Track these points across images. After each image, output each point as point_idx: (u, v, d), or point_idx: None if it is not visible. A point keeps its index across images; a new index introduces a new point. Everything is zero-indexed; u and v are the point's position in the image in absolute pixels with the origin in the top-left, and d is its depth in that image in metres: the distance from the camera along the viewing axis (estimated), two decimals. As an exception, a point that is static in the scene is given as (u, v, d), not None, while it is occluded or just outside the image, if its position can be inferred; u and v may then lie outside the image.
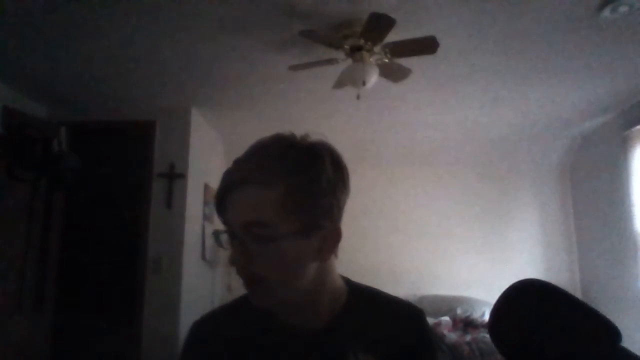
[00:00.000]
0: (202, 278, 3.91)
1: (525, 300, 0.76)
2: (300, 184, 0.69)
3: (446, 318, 4.10)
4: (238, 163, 0.73)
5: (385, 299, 0.85)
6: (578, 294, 4.46)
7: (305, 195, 0.69)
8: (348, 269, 0.87)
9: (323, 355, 0.75)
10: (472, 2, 2.27)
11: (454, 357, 3.53)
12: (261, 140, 0.74)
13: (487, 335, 3.24)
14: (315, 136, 0.76)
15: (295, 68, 2.75)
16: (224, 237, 0.73)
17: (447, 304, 4.34)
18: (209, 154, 4.16)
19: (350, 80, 2.69)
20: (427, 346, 0.82)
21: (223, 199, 0.72)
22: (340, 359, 0.74)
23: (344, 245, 0.78)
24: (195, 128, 3.77)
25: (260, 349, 0.77)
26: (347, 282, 0.84)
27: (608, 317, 0.69)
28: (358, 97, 2.82)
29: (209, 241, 4.05)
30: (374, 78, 2.62)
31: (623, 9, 2.28)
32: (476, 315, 4.10)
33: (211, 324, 0.83)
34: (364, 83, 2.61)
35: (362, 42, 2.49)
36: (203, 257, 3.93)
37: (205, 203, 4.02)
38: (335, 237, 0.74)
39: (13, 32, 2.53)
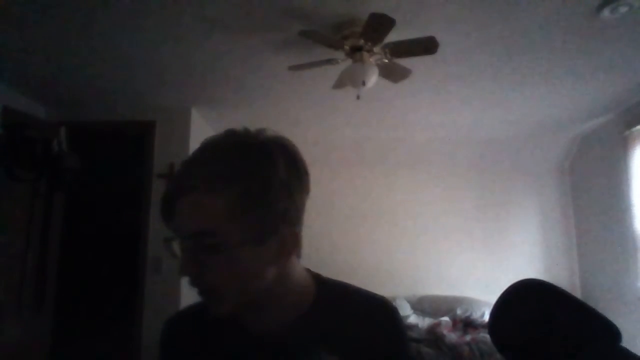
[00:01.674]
0: (202, 278, 3.90)
1: (525, 300, 0.76)
2: (250, 188, 0.65)
3: (446, 318, 4.10)
4: (185, 166, 0.69)
5: (356, 295, 0.80)
6: (578, 294, 4.46)
7: (256, 200, 0.65)
8: (347, 269, 0.87)
9: (286, 357, 0.73)
10: (472, 2, 2.27)
11: (454, 357, 3.52)
12: (210, 140, 0.71)
13: (487, 336, 3.24)
14: (271, 131, 0.72)
15: (295, 68, 2.75)
16: (176, 245, 0.68)
17: (447, 304, 4.34)
18: (209, 154, 4.15)
19: (350, 80, 2.69)
20: (398, 343, 0.78)
21: (167, 207, 0.68)
22: None
23: (343, 244, 0.78)
24: (195, 128, 3.77)
25: (222, 350, 0.76)
26: (317, 279, 0.81)
27: (608, 317, 0.69)
28: (358, 98, 2.82)
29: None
30: (373, 78, 2.62)
31: (623, 9, 2.27)
32: (476, 315, 4.10)
33: (179, 324, 0.84)
34: (363, 83, 2.61)
35: (362, 42, 2.49)
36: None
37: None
38: (292, 241, 0.71)
39: (13, 32, 2.53)
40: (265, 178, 0.66)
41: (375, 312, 0.78)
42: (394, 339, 0.78)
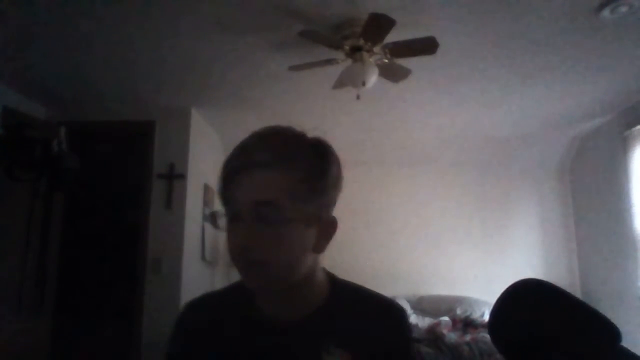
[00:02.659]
0: (202, 278, 3.90)
1: (525, 300, 0.75)
2: (311, 173, 0.73)
3: (446, 318, 4.09)
4: (250, 145, 0.75)
5: (367, 295, 0.84)
6: (578, 294, 4.46)
7: (313, 186, 0.73)
8: (347, 269, 0.88)
9: (297, 348, 0.77)
10: (472, 2, 2.27)
11: (454, 357, 3.52)
12: (268, 129, 0.77)
13: (487, 335, 3.23)
14: (314, 132, 0.79)
15: (295, 68, 2.76)
16: (222, 219, 0.74)
17: (447, 304, 4.34)
18: (208, 154, 4.15)
19: (350, 80, 2.69)
20: (403, 345, 0.82)
21: (233, 178, 0.73)
22: (314, 352, 0.75)
23: (344, 244, 0.80)
24: (195, 128, 3.77)
25: (238, 338, 0.79)
26: (331, 277, 0.85)
27: (608, 317, 0.69)
28: (358, 98, 2.82)
29: (209, 241, 4.05)
30: (373, 78, 2.62)
31: (623, 9, 2.28)
32: (476, 315, 4.10)
33: (198, 309, 0.87)
34: (363, 83, 2.61)
35: (362, 42, 2.49)
36: (203, 257, 3.93)
37: (205, 203, 4.02)
38: (332, 229, 0.78)
39: (13, 32, 2.53)
40: (323, 168, 0.75)
41: (384, 312, 0.82)
42: (400, 339, 0.81)
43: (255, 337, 0.79)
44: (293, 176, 0.71)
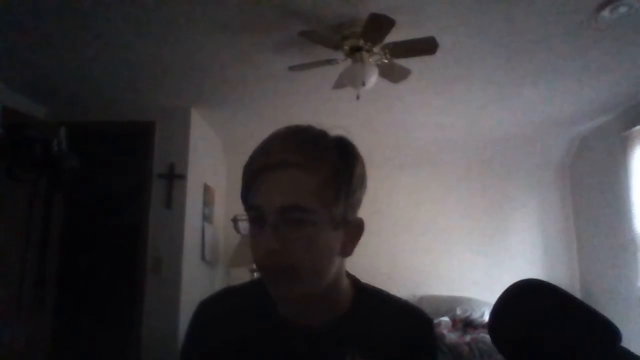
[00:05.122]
0: (202, 278, 3.91)
1: (525, 300, 0.75)
2: (338, 175, 0.69)
3: (445, 318, 4.09)
4: (272, 147, 0.70)
5: (394, 303, 0.82)
6: (578, 294, 4.46)
7: (341, 186, 0.69)
8: (347, 270, 0.87)
9: (319, 355, 0.74)
10: (472, 2, 2.28)
11: (454, 357, 3.52)
12: (290, 128, 0.74)
13: (487, 336, 3.23)
14: (337, 130, 0.76)
15: (295, 68, 2.76)
16: (244, 223, 0.71)
17: (447, 304, 4.34)
18: (208, 154, 4.16)
19: (349, 80, 2.69)
20: (429, 355, 0.79)
21: (257, 180, 0.68)
22: None
23: None
24: (195, 128, 3.77)
25: (258, 342, 0.76)
26: (355, 281, 0.82)
27: (608, 317, 0.69)
28: (358, 98, 2.82)
29: (209, 241, 4.05)
30: (373, 78, 2.62)
31: (623, 9, 2.28)
32: (476, 315, 4.10)
33: (216, 308, 0.83)
34: (363, 83, 2.61)
35: (361, 42, 2.49)
36: (203, 257, 3.93)
37: (205, 203, 4.02)
38: (359, 230, 0.75)
39: (13, 32, 2.53)
40: (349, 167, 0.71)
41: (410, 321, 0.79)
42: (426, 350, 0.79)
43: (274, 342, 0.75)
44: (321, 177, 0.67)
